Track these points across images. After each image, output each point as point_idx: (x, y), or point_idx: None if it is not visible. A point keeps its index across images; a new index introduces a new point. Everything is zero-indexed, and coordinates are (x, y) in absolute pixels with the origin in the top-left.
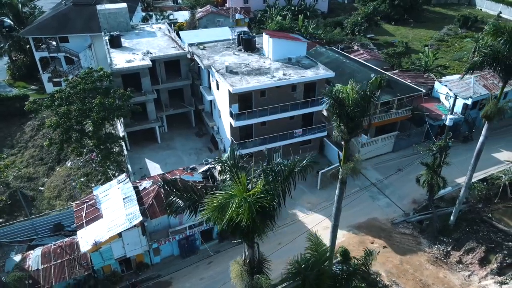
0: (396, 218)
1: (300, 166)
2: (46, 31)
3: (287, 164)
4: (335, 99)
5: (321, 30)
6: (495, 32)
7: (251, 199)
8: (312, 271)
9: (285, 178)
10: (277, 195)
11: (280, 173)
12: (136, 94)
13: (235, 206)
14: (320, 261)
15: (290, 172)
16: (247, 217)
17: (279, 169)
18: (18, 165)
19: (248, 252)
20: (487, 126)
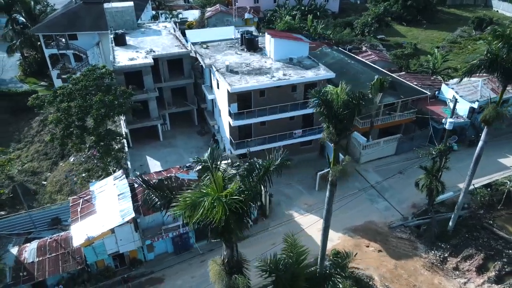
0: (393, 222)
1: (275, 164)
2: (55, 28)
3: (263, 163)
4: (322, 100)
5: (331, 30)
6: (495, 35)
7: (226, 199)
8: (286, 272)
9: (261, 177)
10: (253, 195)
11: (255, 172)
12: (138, 92)
13: (208, 205)
14: (295, 262)
15: (266, 171)
16: (220, 216)
17: (255, 168)
18: (23, 160)
19: (226, 252)
20: (486, 130)
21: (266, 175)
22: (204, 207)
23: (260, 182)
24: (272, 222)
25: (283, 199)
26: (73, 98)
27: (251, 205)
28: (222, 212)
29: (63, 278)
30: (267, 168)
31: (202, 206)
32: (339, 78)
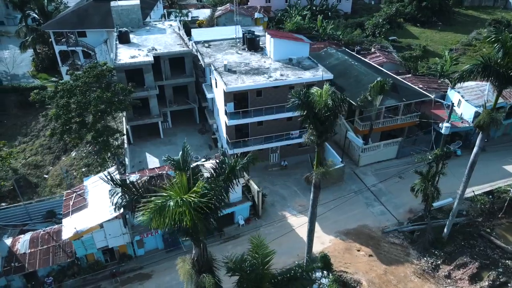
0: (387, 227)
1: (242, 164)
2: (65, 25)
3: (229, 163)
4: (303, 101)
5: (341, 31)
6: (492, 39)
7: (192, 200)
8: (251, 273)
9: (227, 176)
10: (219, 194)
11: (221, 172)
12: (139, 89)
13: (173, 207)
14: (261, 263)
15: (232, 170)
16: (189, 218)
17: (220, 167)
18: (26, 154)
19: (195, 251)
20: (481, 136)
21: (232, 175)
22: (170, 210)
23: (226, 182)
24: (264, 222)
25: (277, 199)
26: (74, 94)
27: (219, 205)
28: (189, 214)
29: (54, 270)
30: (232, 167)
31: (168, 209)
32: (341, 79)
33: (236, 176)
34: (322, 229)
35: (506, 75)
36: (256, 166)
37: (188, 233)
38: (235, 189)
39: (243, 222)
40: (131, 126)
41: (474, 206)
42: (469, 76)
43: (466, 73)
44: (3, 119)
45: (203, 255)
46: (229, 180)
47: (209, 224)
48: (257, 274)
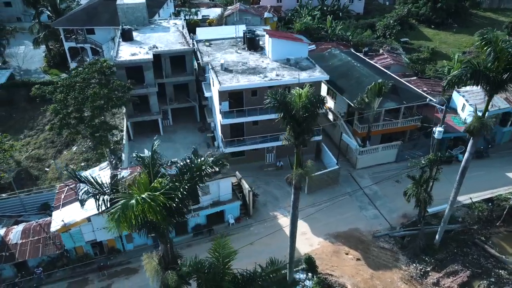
0: (379, 231)
1: (208, 164)
2: (75, 22)
3: (196, 163)
4: (279, 101)
5: (350, 31)
6: (483, 42)
7: (150, 197)
8: (209, 273)
9: (192, 176)
10: (183, 192)
11: (186, 171)
12: (138, 86)
13: (135, 205)
14: (222, 263)
15: (199, 170)
16: (151, 214)
17: (185, 166)
18: (30, 146)
19: (161, 247)
20: (472, 142)
21: (199, 175)
22: (132, 209)
23: (192, 181)
24: (255, 222)
25: (270, 199)
26: (73, 90)
27: (184, 204)
28: (150, 211)
29: (44, 261)
30: (199, 167)
31: (130, 208)
32: (342, 80)
33: (204, 177)
34: (312, 231)
35: (496, 80)
36: (251, 165)
37: (152, 230)
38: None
39: (233, 221)
40: (132, 123)
41: (471, 213)
42: (458, 81)
43: (455, 78)
44: (12, 113)
45: (169, 252)
46: (196, 179)
47: (174, 222)
48: (215, 274)
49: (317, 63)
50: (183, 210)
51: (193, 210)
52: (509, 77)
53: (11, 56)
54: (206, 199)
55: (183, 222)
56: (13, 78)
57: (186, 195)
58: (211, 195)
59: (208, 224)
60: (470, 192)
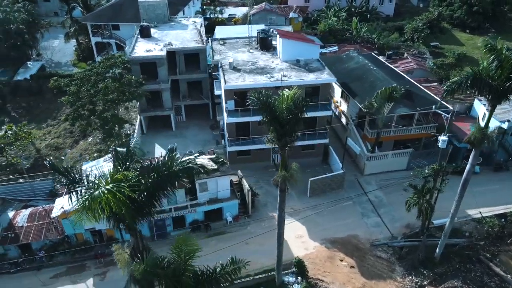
0: (378, 240)
1: (182, 166)
2: (101, 18)
3: (165, 162)
4: (262, 102)
5: (376, 34)
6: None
7: (117, 189)
8: (168, 269)
9: (158, 175)
10: (149, 190)
11: (154, 169)
12: (152, 82)
13: (100, 197)
14: (183, 259)
15: (168, 170)
16: (116, 206)
17: (151, 163)
18: (51, 135)
19: (131, 239)
20: (474, 153)
21: (168, 174)
22: (98, 199)
23: (159, 180)
24: (253, 222)
25: (271, 200)
26: (89, 83)
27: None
28: (115, 202)
29: (46, 244)
30: (169, 167)
31: (96, 199)
32: (356, 83)
33: (178, 178)
34: (309, 235)
35: (499, 89)
36: (256, 165)
37: (120, 222)
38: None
39: (231, 219)
40: (145, 117)
41: (481, 228)
42: (458, 88)
43: (454, 84)
44: (39, 102)
45: (139, 244)
46: (165, 179)
47: (141, 217)
48: (175, 270)
49: (333, 65)
50: (151, 207)
51: (190, 205)
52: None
53: (45, 49)
54: (204, 196)
55: (181, 217)
56: (44, 70)
57: (152, 192)
58: (209, 192)
59: (205, 220)
60: (483, 206)
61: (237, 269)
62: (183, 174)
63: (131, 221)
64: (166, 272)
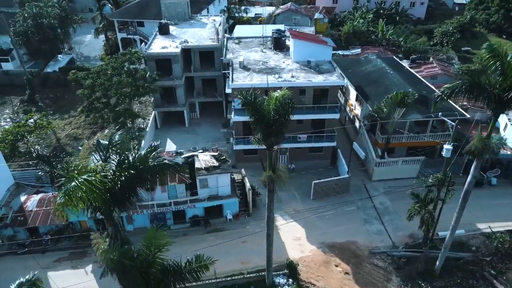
0: (378, 248)
1: (157, 162)
2: (127, 15)
3: (140, 157)
4: (248, 101)
5: (403, 37)
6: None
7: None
8: (136, 261)
9: (133, 168)
10: (124, 182)
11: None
12: (165, 78)
13: (76, 187)
14: (152, 252)
15: (143, 165)
16: (92, 196)
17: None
18: (72, 126)
19: (109, 229)
20: (476, 164)
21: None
22: (74, 190)
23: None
24: (252, 220)
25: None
26: (105, 76)
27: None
28: (90, 193)
29: (53, 229)
30: (144, 162)
31: (73, 190)
32: (371, 87)
33: (149, 173)
34: (308, 238)
35: (500, 98)
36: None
37: (97, 210)
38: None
39: (231, 217)
40: (160, 112)
41: (489, 243)
42: (451, 95)
43: (449, 90)
44: (66, 94)
45: (117, 235)
46: (140, 172)
47: (119, 206)
48: (142, 261)
49: (350, 68)
50: (127, 200)
51: (190, 201)
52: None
53: (77, 43)
54: (204, 192)
55: (181, 211)
56: (73, 63)
57: (128, 185)
58: (210, 189)
59: (206, 216)
60: (496, 220)
61: (203, 266)
62: (158, 170)
63: (106, 211)
64: (135, 263)
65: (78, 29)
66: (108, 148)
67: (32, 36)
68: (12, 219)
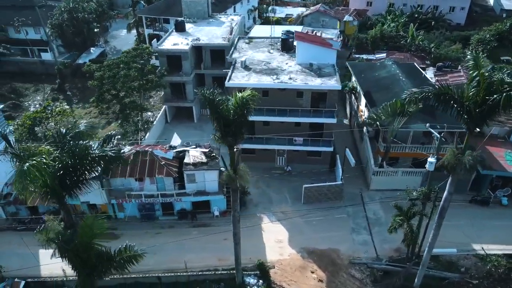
0: (360, 258)
1: (101, 153)
2: (154, 12)
3: (81, 146)
4: (207, 99)
5: (434, 43)
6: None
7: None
8: (71, 244)
9: (74, 156)
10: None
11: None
12: (175, 74)
13: (27, 170)
14: (87, 238)
15: (83, 152)
16: (42, 179)
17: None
18: (89, 115)
19: (62, 212)
20: (451, 180)
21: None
22: (26, 172)
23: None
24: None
25: (264, 201)
26: (117, 69)
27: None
28: (39, 174)
29: (50, 209)
30: (84, 150)
31: (25, 173)
32: (380, 93)
33: (92, 162)
34: (290, 241)
35: (470, 111)
36: (260, 165)
37: (50, 195)
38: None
39: (218, 213)
40: (169, 107)
41: (482, 266)
42: (419, 101)
43: (414, 96)
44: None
45: (68, 218)
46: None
47: (67, 192)
48: (77, 245)
49: (363, 73)
50: (75, 186)
51: (177, 194)
52: (487, 111)
53: (113, 37)
54: (192, 187)
55: (170, 204)
56: (105, 56)
57: (72, 171)
58: (197, 184)
59: (193, 210)
60: (494, 242)
61: (132, 257)
62: (99, 161)
63: (55, 195)
64: (70, 247)
65: (116, 24)
66: (64, 135)
67: (67, 28)
68: (15, 197)
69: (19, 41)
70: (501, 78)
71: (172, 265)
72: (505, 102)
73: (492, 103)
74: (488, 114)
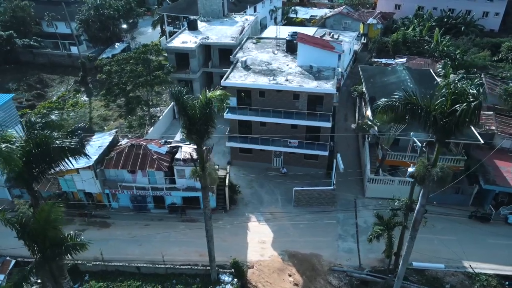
0: (341, 265)
1: (62, 144)
2: (175, 10)
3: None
4: (174, 96)
5: (460, 49)
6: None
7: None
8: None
9: (37, 146)
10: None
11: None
12: (182, 71)
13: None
14: (43, 222)
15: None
16: (9, 162)
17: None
18: (104, 107)
19: (30, 198)
20: (423, 192)
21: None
22: None
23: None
24: (228, 217)
25: (254, 201)
26: (127, 64)
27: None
28: (7, 160)
29: (50, 195)
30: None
31: None
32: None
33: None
34: (273, 243)
35: (436, 122)
36: (257, 165)
37: (18, 179)
38: None
39: None
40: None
41: (470, 284)
42: (386, 110)
43: (384, 105)
44: None
45: (36, 203)
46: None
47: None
48: (33, 229)
49: (373, 77)
50: (40, 173)
51: (166, 188)
52: (453, 122)
53: (141, 34)
54: (181, 182)
55: (161, 197)
56: (128, 51)
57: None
58: (187, 180)
59: (183, 205)
60: (487, 261)
61: (77, 245)
62: (59, 152)
63: (22, 181)
64: (26, 230)
65: (144, 20)
66: (33, 124)
67: (93, 24)
68: None
69: (51, 34)
70: (464, 88)
71: (155, 257)
72: (464, 113)
73: (460, 114)
74: (456, 125)
